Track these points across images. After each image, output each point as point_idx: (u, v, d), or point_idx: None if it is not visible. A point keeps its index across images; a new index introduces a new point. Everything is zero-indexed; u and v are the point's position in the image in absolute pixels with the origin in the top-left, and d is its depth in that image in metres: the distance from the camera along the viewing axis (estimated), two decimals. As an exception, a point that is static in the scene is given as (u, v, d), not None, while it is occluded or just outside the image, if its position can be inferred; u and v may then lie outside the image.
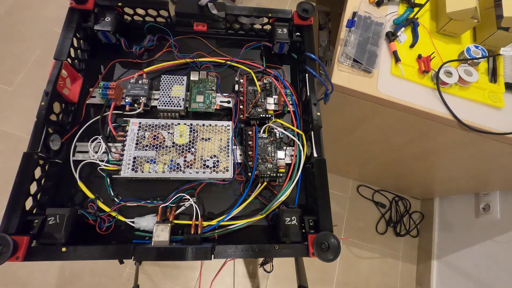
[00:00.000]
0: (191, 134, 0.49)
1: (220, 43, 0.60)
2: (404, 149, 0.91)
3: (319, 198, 0.44)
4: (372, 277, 1.26)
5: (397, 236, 1.34)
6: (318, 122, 0.48)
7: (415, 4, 0.73)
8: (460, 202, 1.19)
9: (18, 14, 1.46)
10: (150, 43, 0.57)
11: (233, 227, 0.46)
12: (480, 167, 0.86)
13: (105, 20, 0.52)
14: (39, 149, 0.42)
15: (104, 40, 0.55)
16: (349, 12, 0.71)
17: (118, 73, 0.56)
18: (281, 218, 0.44)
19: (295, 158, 0.50)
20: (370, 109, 0.71)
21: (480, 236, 1.05)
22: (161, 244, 0.41)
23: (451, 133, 0.69)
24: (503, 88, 0.68)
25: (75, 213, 0.41)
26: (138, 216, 0.45)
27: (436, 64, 0.67)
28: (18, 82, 1.33)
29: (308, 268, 0.85)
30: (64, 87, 0.49)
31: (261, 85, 0.54)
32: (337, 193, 1.38)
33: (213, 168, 0.47)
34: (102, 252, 0.38)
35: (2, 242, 0.35)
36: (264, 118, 0.52)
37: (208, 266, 1.14)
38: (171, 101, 0.51)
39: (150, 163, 0.46)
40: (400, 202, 1.40)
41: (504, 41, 0.68)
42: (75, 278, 1.08)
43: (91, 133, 0.49)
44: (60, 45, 0.49)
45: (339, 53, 0.67)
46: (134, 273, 0.93)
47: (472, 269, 1.05)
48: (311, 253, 0.39)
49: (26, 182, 0.40)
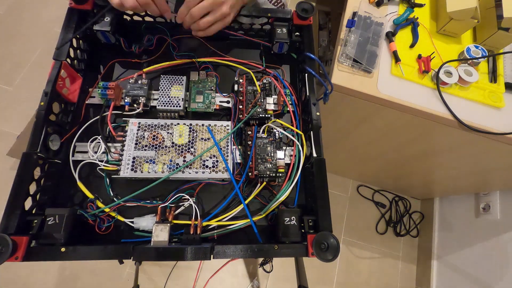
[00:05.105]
0: (190, 134, 0.49)
1: (220, 43, 0.60)
2: (404, 149, 0.91)
3: (318, 198, 0.44)
4: (372, 277, 1.26)
5: (397, 236, 1.34)
6: (317, 122, 0.48)
7: (415, 4, 0.74)
8: (460, 202, 1.19)
9: (18, 14, 1.46)
10: (149, 42, 0.57)
11: (232, 227, 0.46)
12: (480, 167, 0.86)
13: (104, 20, 0.52)
14: (39, 149, 0.42)
15: (104, 40, 0.55)
16: (349, 12, 0.71)
17: (118, 73, 0.56)
18: (280, 218, 0.44)
19: (295, 158, 0.50)
20: (370, 109, 0.70)
21: (480, 236, 1.05)
22: (160, 244, 0.41)
23: (451, 133, 0.69)
24: (503, 88, 0.68)
25: (74, 213, 0.41)
26: (137, 216, 0.45)
27: (436, 64, 0.67)
28: (18, 82, 1.33)
29: (308, 268, 0.85)
30: (64, 87, 0.49)
31: (261, 85, 0.54)
32: (337, 193, 1.38)
33: (212, 168, 0.47)
34: (101, 252, 0.38)
35: (2, 242, 0.35)
36: (264, 118, 0.52)
37: (208, 267, 1.14)
38: (171, 101, 0.51)
39: (149, 163, 0.46)
40: (400, 202, 1.40)
41: (504, 41, 0.68)
42: (75, 278, 1.08)
43: (90, 133, 0.49)
44: (59, 45, 0.49)
45: (339, 53, 0.67)
46: (134, 273, 0.93)
47: (472, 269, 1.05)
48: (311, 253, 0.39)
49: (26, 182, 0.40)
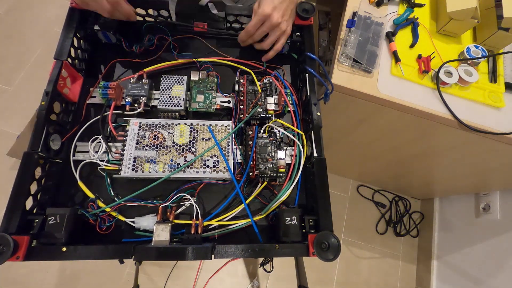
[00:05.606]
0: (191, 134, 0.49)
1: (220, 43, 0.60)
2: (404, 149, 0.91)
3: (319, 197, 0.44)
4: (372, 277, 1.26)
5: (397, 236, 1.34)
6: (318, 122, 0.48)
7: (415, 4, 0.74)
8: (460, 202, 1.19)
9: (18, 14, 1.46)
10: (150, 42, 0.57)
11: (233, 227, 0.46)
12: (480, 167, 0.86)
13: (105, 20, 0.52)
14: (39, 149, 0.42)
15: (104, 40, 0.55)
16: (349, 12, 0.71)
17: (118, 73, 0.56)
18: (281, 218, 0.44)
19: (295, 158, 0.50)
20: (370, 109, 0.71)
21: (480, 236, 1.05)
22: (162, 244, 0.41)
23: (451, 133, 0.69)
24: (503, 88, 0.68)
25: (75, 212, 0.41)
26: (138, 216, 0.45)
27: (436, 64, 0.67)
28: (18, 82, 1.33)
29: (308, 268, 0.85)
30: (65, 87, 0.49)
31: (261, 85, 0.54)
32: (337, 193, 1.38)
33: (213, 168, 0.47)
34: (102, 252, 0.38)
35: (3, 242, 0.35)
36: (264, 118, 0.52)
37: (208, 267, 1.14)
38: (171, 101, 0.51)
39: (150, 163, 0.46)
40: (400, 202, 1.40)
41: (504, 41, 0.68)
42: (75, 278, 1.08)
43: (91, 133, 0.49)
44: (60, 45, 0.49)
45: (339, 53, 0.67)
46: (134, 273, 0.93)
47: (472, 269, 1.05)
48: (311, 253, 0.39)
49: (27, 181, 0.40)
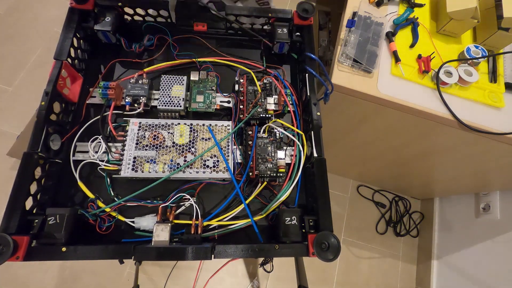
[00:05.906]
0: (191, 134, 0.49)
1: (220, 43, 0.60)
2: (404, 149, 0.91)
3: (319, 198, 0.44)
4: (372, 277, 1.26)
5: (397, 236, 1.34)
6: (318, 122, 0.48)
7: (415, 4, 0.74)
8: (460, 202, 1.19)
9: (18, 14, 1.46)
10: (150, 42, 0.57)
11: (233, 227, 0.46)
12: (480, 167, 0.86)
13: (105, 20, 0.52)
14: (39, 149, 0.42)
15: (104, 40, 0.55)
16: (349, 12, 0.71)
17: (118, 73, 0.56)
18: (281, 218, 0.44)
19: (295, 158, 0.50)
20: (370, 109, 0.70)
21: (480, 236, 1.05)
22: (161, 244, 0.41)
23: (451, 133, 0.69)
24: (503, 88, 0.68)
25: (75, 213, 0.41)
26: (138, 216, 0.45)
27: (436, 64, 0.67)
28: (18, 82, 1.33)
29: (308, 268, 0.85)
30: (64, 87, 0.49)
31: (261, 85, 0.54)
32: (337, 193, 1.38)
33: (213, 168, 0.47)
34: (102, 252, 0.38)
35: (2, 242, 0.35)
36: (264, 118, 0.52)
37: (208, 267, 1.14)
38: (171, 101, 0.51)
39: (150, 163, 0.46)
40: (400, 202, 1.40)
41: (504, 41, 0.68)
42: (75, 278, 1.08)
43: (91, 133, 0.49)
44: (60, 45, 0.49)
45: (339, 53, 0.67)
46: (134, 273, 0.93)
47: (472, 269, 1.05)
48: (311, 253, 0.39)
49: (26, 182, 0.40)
